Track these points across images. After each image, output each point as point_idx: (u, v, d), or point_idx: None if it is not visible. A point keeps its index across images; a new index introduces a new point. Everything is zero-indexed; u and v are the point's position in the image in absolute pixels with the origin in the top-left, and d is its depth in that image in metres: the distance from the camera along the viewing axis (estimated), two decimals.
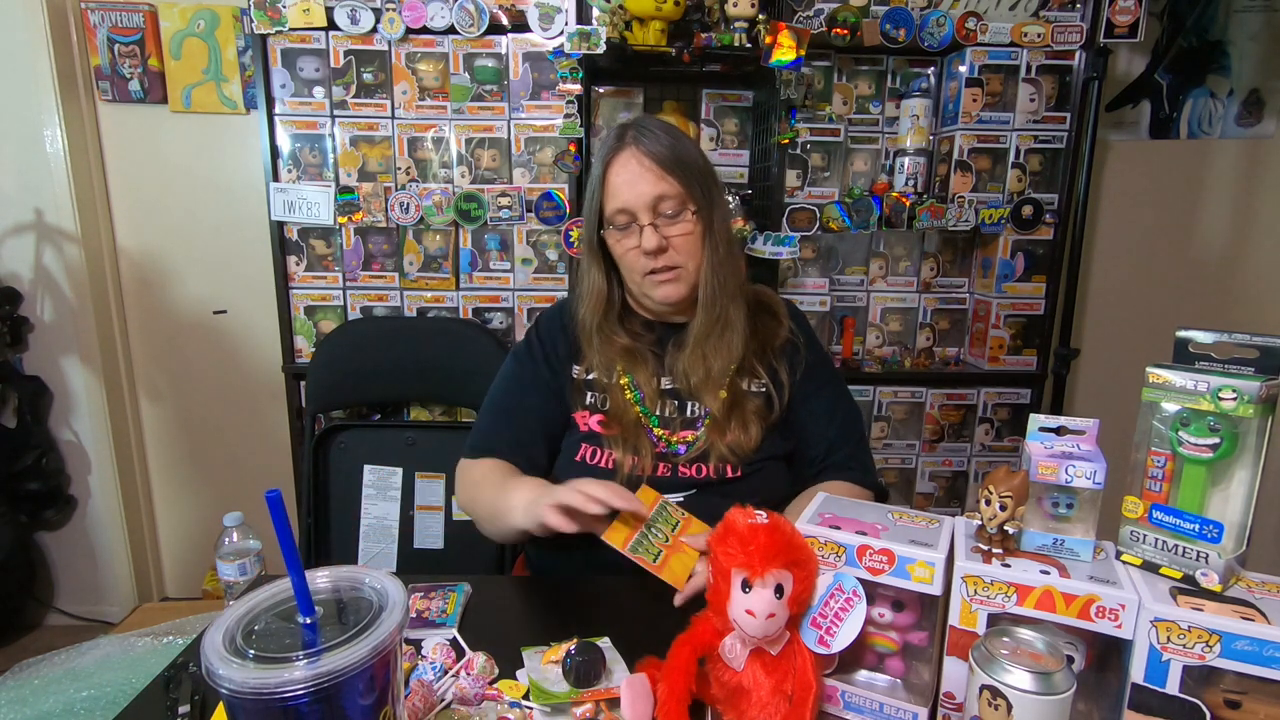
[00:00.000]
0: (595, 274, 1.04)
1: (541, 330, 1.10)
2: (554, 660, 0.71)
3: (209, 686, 0.46)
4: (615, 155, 0.99)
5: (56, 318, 2.00)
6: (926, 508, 1.94)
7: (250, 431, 2.14)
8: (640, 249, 0.97)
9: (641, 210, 0.96)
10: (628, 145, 0.98)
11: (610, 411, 1.02)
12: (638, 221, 0.97)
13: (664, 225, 0.97)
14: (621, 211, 0.97)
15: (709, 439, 1.00)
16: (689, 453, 1.00)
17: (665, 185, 0.96)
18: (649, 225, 0.96)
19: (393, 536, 1.69)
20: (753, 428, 1.00)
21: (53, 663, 1.24)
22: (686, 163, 0.98)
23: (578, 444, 1.03)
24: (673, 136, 1.00)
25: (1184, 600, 0.54)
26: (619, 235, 0.99)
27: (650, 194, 0.96)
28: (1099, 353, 2.16)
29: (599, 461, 1.01)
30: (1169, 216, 2.12)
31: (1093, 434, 0.62)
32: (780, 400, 1.04)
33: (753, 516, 0.60)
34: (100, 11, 1.89)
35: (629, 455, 0.98)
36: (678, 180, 0.97)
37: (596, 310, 1.04)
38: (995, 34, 1.70)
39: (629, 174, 0.97)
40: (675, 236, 0.97)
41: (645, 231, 0.96)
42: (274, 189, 1.73)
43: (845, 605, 0.61)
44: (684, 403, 1.03)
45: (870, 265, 1.91)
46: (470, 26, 1.66)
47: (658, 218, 0.97)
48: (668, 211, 0.97)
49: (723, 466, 0.99)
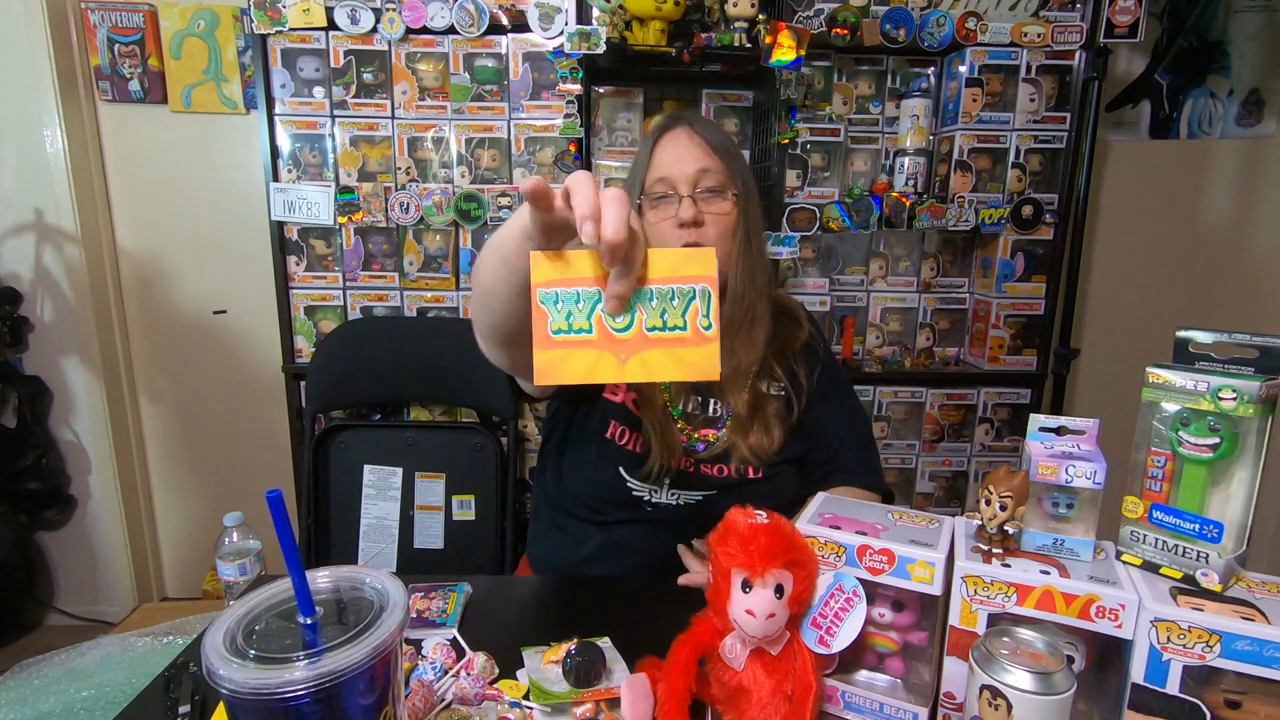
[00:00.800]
0: None
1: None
2: (554, 660, 0.71)
3: (209, 686, 0.46)
4: (666, 132, 1.00)
5: (56, 318, 2.00)
6: (926, 508, 1.94)
7: (250, 431, 2.14)
8: (675, 219, 0.95)
9: (682, 181, 0.96)
10: (681, 125, 1.00)
11: (642, 393, 1.01)
12: (677, 191, 0.96)
13: (702, 202, 0.96)
14: (662, 180, 0.96)
15: (730, 439, 0.99)
16: (708, 451, 1.00)
17: (711, 161, 0.96)
18: (688, 197, 0.95)
19: (393, 536, 1.69)
20: (775, 430, 1.00)
21: (53, 663, 1.23)
22: (733, 153, 0.99)
23: (607, 420, 1.00)
24: (723, 131, 1.02)
25: (1184, 600, 0.54)
26: (653, 205, 0.98)
27: (694, 167, 0.96)
28: (1099, 353, 2.16)
29: (626, 443, 0.99)
30: (1169, 216, 2.12)
31: (1093, 434, 0.62)
32: (799, 403, 1.03)
33: (753, 516, 0.60)
34: (100, 11, 1.89)
35: (659, 444, 0.96)
36: (723, 162, 0.97)
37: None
38: (995, 34, 1.70)
39: (678, 148, 0.97)
40: (711, 214, 0.96)
41: (684, 202, 0.95)
42: (274, 189, 1.73)
43: (845, 605, 0.62)
44: (706, 400, 1.03)
45: (870, 265, 1.91)
46: (470, 26, 1.66)
47: (696, 192, 0.96)
48: (709, 186, 0.96)
49: (744, 468, 0.99)
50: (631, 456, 0.98)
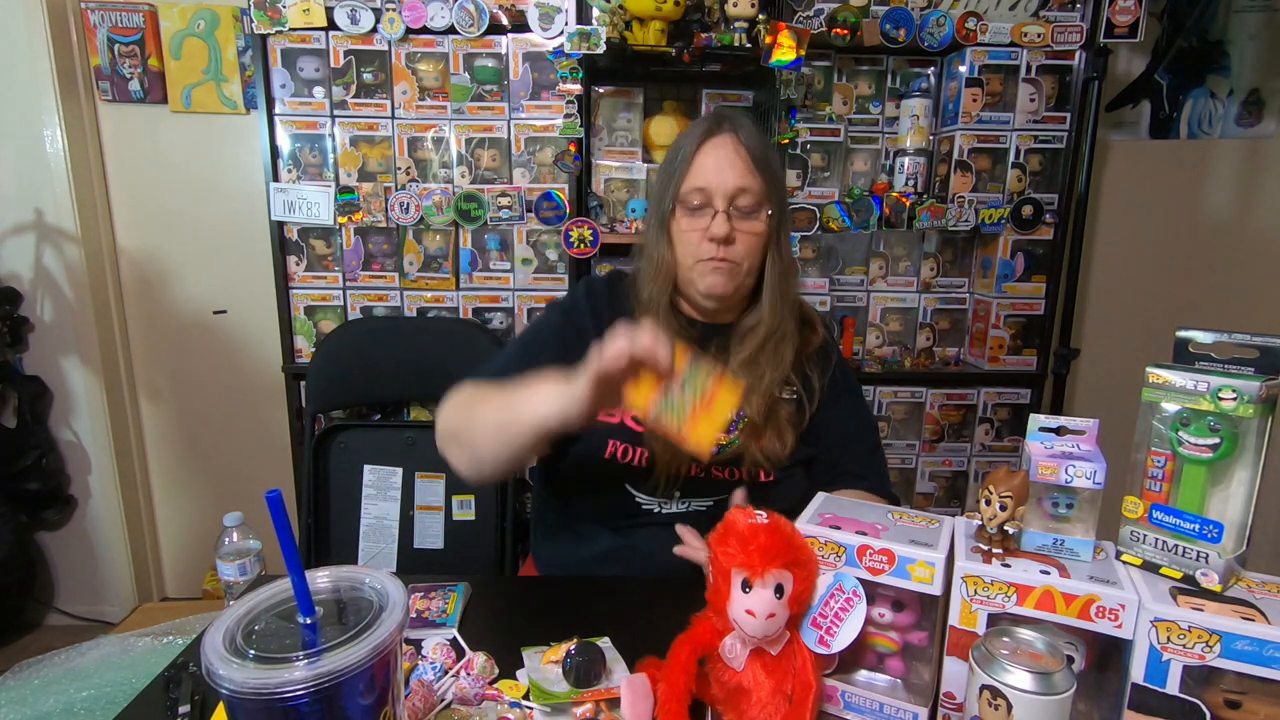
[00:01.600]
0: (665, 251, 1.00)
1: (596, 296, 1.05)
2: (554, 660, 0.71)
3: (209, 686, 0.46)
4: (711, 136, 0.97)
5: (56, 318, 2.00)
6: (926, 508, 1.94)
7: (250, 431, 2.14)
8: (707, 232, 0.95)
9: (720, 195, 0.95)
10: (725, 131, 0.97)
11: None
12: (712, 205, 0.95)
13: (736, 218, 0.95)
14: (699, 190, 0.96)
15: (744, 443, 0.99)
16: (721, 455, 0.99)
17: (751, 180, 0.95)
18: (723, 213, 0.94)
19: (393, 536, 1.69)
20: (788, 434, 1.00)
21: (53, 663, 1.24)
22: (773, 167, 0.98)
23: (604, 440, 0.97)
24: (765, 140, 1.00)
25: (1184, 600, 0.54)
26: (686, 213, 0.97)
27: (734, 183, 0.95)
28: (1099, 353, 2.16)
29: (630, 460, 0.98)
30: (1169, 216, 2.12)
31: (1093, 434, 0.62)
32: (810, 407, 1.03)
33: (753, 516, 0.60)
34: (100, 11, 1.89)
35: (669, 453, 0.95)
36: (763, 180, 0.96)
37: (666, 288, 1.00)
38: (995, 34, 1.70)
39: (721, 157, 0.96)
40: (743, 232, 0.96)
41: (718, 217, 0.94)
42: (274, 189, 1.73)
43: (845, 605, 0.61)
44: None
45: (870, 265, 1.91)
46: (470, 26, 1.66)
47: (732, 208, 0.95)
48: (744, 205, 0.95)
49: (755, 471, 0.99)
50: (637, 471, 0.98)
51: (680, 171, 0.98)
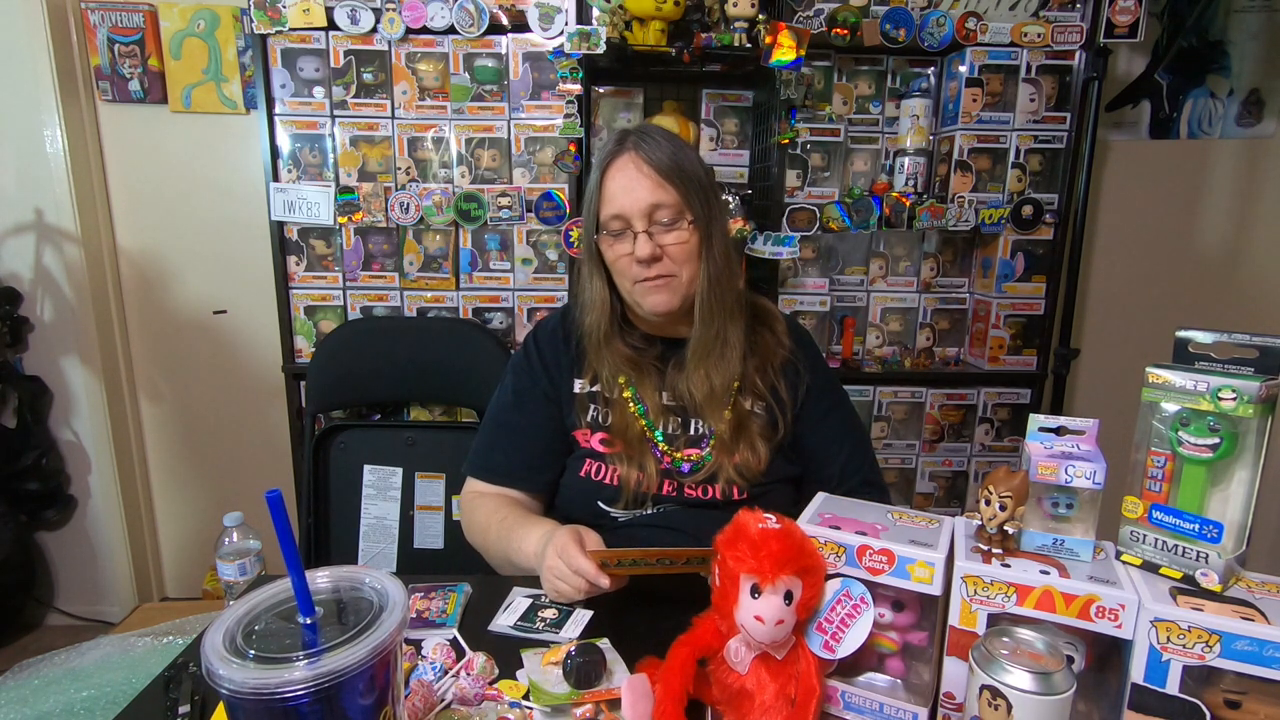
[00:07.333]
0: (597, 282, 1.01)
1: (541, 341, 1.08)
2: (554, 661, 0.71)
3: (209, 686, 0.46)
4: (613, 160, 0.97)
5: (56, 318, 2.00)
6: (926, 508, 1.94)
7: (250, 431, 2.14)
8: (633, 256, 0.94)
9: (636, 217, 0.94)
10: (626, 150, 0.96)
11: (613, 427, 1.00)
12: (632, 228, 0.94)
13: (659, 233, 0.95)
14: (616, 218, 0.95)
15: (717, 460, 0.98)
16: (696, 473, 0.99)
17: (662, 193, 0.94)
18: (643, 233, 0.94)
19: (393, 536, 1.69)
20: (760, 448, 0.99)
21: (53, 663, 1.23)
22: (686, 172, 0.95)
23: (581, 460, 1.02)
24: (674, 145, 0.97)
25: (1184, 600, 0.54)
26: (612, 241, 0.97)
27: (646, 201, 0.93)
28: (1099, 353, 2.16)
29: (604, 478, 0.99)
30: (1169, 216, 2.12)
31: (1093, 434, 0.62)
32: (784, 419, 1.02)
33: (763, 520, 0.59)
34: (100, 11, 1.89)
35: (635, 471, 0.97)
36: (675, 189, 0.94)
37: (604, 317, 1.01)
38: (995, 34, 1.70)
39: (626, 179, 0.95)
40: (670, 245, 0.95)
41: (639, 239, 0.94)
42: (274, 189, 1.73)
43: (852, 611, 0.61)
44: (688, 420, 1.02)
45: (870, 265, 1.90)
46: (470, 26, 1.66)
47: (652, 225, 0.94)
48: (663, 220, 0.94)
49: (730, 488, 0.98)
50: (607, 490, 0.99)
51: (594, 201, 0.98)
